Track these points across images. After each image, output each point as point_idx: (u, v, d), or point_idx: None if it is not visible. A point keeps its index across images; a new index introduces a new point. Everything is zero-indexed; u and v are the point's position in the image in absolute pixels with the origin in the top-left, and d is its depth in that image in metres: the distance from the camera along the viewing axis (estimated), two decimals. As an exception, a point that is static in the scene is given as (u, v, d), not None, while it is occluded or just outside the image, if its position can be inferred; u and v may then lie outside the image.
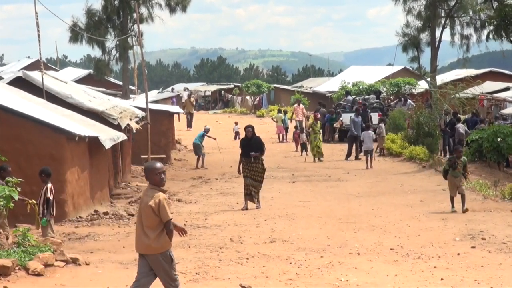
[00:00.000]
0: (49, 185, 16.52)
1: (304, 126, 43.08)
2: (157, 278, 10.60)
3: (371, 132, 34.94)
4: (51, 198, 16.36)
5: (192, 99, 62.44)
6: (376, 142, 36.31)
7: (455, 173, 21.06)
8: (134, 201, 24.09)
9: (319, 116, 39.18)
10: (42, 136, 20.75)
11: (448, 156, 34.11)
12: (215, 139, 38.32)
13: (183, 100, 65.63)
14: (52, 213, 16.44)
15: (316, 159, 35.90)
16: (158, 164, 10.88)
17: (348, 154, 36.88)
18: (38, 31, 28.72)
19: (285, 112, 49.30)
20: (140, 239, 10.62)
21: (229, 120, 59.78)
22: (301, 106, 46.87)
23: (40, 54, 29.56)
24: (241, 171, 22.63)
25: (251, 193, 22.42)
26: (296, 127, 44.96)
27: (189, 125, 57.07)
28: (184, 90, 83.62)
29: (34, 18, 28.47)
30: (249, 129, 23.10)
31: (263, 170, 22.80)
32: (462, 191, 20.87)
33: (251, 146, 22.64)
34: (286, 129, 48.76)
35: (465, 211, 20.54)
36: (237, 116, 66.04)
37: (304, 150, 38.26)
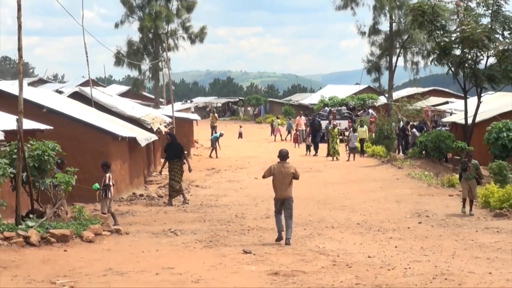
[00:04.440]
0: (108, 174, 16.51)
1: (305, 134, 41.72)
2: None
3: (356, 134, 35.05)
4: (110, 184, 16.32)
5: (216, 114, 62.01)
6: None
7: (467, 175, 18.09)
8: (163, 186, 24.09)
9: (336, 123, 37.62)
10: (93, 136, 20.78)
11: (402, 153, 34.23)
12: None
13: (192, 110, 65.54)
14: (109, 196, 16.36)
15: (334, 158, 34.01)
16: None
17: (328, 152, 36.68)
18: (87, 58, 28.78)
19: (278, 117, 51.96)
20: (284, 190, 13.59)
21: (235, 125, 59.95)
22: (303, 118, 45.44)
23: (89, 74, 29.70)
24: (168, 172, 20.69)
25: (174, 191, 20.31)
26: (297, 131, 45.01)
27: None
28: (190, 101, 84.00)
29: (86, 46, 28.55)
30: (168, 136, 21.52)
31: (182, 172, 20.56)
32: (472, 197, 17.88)
33: (173, 150, 20.50)
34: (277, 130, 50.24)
35: (471, 215, 17.43)
36: (240, 122, 66.23)
37: (307, 150, 37.89)
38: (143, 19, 65.44)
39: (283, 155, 13.87)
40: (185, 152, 21.49)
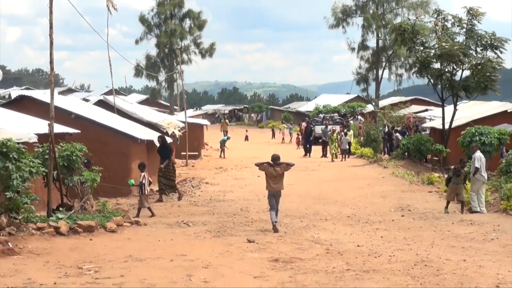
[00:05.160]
0: (142, 173, 16.58)
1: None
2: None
3: (347, 138, 35.05)
4: (144, 182, 16.38)
5: (227, 120, 61.88)
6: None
7: (457, 180, 17.27)
8: (177, 183, 23.99)
9: (335, 128, 37.92)
10: (116, 139, 20.85)
11: (387, 155, 34.20)
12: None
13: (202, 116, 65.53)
14: (145, 192, 16.44)
15: (334, 158, 34.03)
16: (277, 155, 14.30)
17: (322, 153, 36.70)
18: (111, 70, 28.90)
19: (283, 122, 52.86)
20: (279, 185, 14.11)
21: (240, 129, 59.98)
22: (303, 123, 44.97)
23: (112, 84, 29.75)
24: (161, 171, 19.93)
25: (162, 188, 19.84)
26: (298, 134, 44.80)
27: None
28: (199, 109, 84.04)
29: (110, 60, 28.59)
30: (159, 139, 20.69)
31: (174, 170, 20.30)
32: (461, 198, 17.27)
33: (164, 152, 20.08)
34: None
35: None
36: (245, 127, 66.23)
37: (309, 152, 37.28)
38: (160, 36, 65.69)
39: (274, 159, 14.26)
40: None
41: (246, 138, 51.80)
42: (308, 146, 37.59)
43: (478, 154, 17.88)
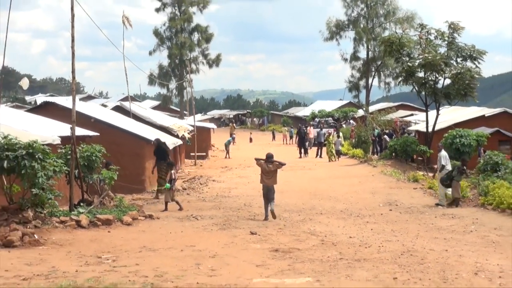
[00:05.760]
0: (172, 171, 16.78)
1: (312, 141, 40.61)
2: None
3: (340, 139, 34.89)
4: (173, 178, 16.61)
5: (234, 124, 61.67)
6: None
7: (460, 178, 17.09)
8: (187, 180, 24.08)
9: (331, 131, 37.58)
10: (131, 141, 20.84)
11: (376, 155, 34.13)
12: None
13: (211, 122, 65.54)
14: (173, 188, 16.58)
15: (332, 159, 33.34)
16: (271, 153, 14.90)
17: (317, 154, 36.70)
18: (127, 78, 28.94)
19: (284, 126, 53.07)
20: (271, 180, 14.49)
21: (244, 132, 59.94)
22: (312, 128, 43.84)
23: (128, 92, 29.75)
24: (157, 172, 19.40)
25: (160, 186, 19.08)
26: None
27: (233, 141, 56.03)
28: (203, 114, 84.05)
29: (126, 69, 28.61)
30: (154, 142, 19.97)
31: (167, 171, 18.53)
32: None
33: (159, 154, 19.44)
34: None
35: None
36: (249, 130, 66.22)
37: (305, 153, 36.86)
38: (171, 48, 65.69)
39: (268, 157, 14.96)
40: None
41: (251, 140, 52.06)
42: (302, 148, 37.49)
43: (444, 152, 18.15)
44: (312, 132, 42.15)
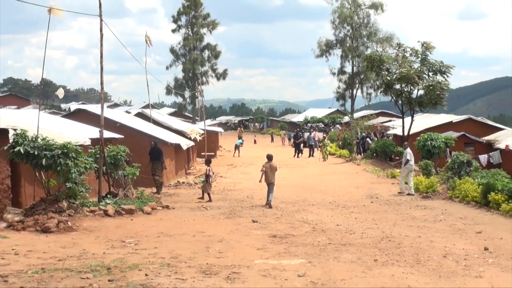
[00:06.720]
0: (208, 167, 16.79)
1: (317, 143, 39.30)
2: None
3: (328, 141, 34.81)
4: (210, 174, 16.60)
5: (242, 129, 61.48)
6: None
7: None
8: (198, 176, 24.05)
9: (325, 135, 37.45)
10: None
11: (360, 155, 34.09)
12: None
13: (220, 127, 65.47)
14: (209, 181, 16.55)
15: (325, 159, 32.57)
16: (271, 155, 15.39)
17: (309, 154, 36.65)
18: (148, 89, 28.88)
19: (283, 129, 52.86)
20: (271, 177, 14.92)
21: (247, 136, 59.85)
22: (316, 132, 43.21)
23: (149, 100, 29.64)
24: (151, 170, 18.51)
25: (158, 186, 18.51)
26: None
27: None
28: (212, 120, 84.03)
29: (147, 81, 28.49)
30: (152, 143, 18.95)
31: (162, 169, 18.74)
32: None
33: (154, 154, 18.63)
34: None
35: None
36: (252, 133, 66.10)
37: (300, 153, 35.99)
38: (185, 63, 65.80)
39: (269, 157, 15.52)
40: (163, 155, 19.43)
41: (255, 141, 52.64)
42: (297, 148, 37.44)
43: (409, 150, 18.75)
44: (317, 135, 40.77)
